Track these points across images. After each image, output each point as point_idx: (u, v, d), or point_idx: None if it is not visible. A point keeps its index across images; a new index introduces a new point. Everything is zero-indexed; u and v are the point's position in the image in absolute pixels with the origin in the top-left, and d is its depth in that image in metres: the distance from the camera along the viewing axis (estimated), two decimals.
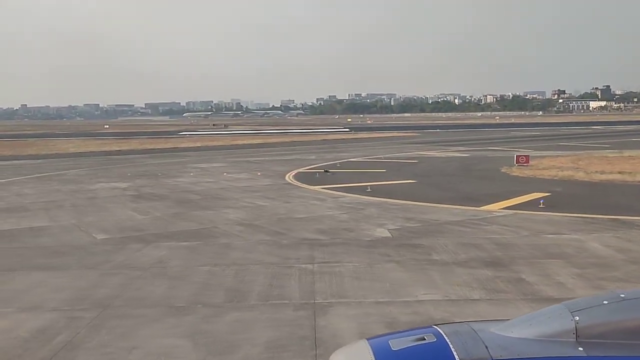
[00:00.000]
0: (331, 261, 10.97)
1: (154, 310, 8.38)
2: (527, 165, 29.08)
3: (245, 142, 64.91)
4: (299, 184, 24.36)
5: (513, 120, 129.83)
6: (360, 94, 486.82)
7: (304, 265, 10.71)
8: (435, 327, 3.00)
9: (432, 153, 41.68)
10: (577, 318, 2.71)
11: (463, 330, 2.85)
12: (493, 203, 17.58)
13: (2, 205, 19.71)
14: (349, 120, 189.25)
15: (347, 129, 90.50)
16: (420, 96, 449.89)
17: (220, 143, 63.31)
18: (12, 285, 9.98)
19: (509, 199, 18.36)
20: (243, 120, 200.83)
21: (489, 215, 15.61)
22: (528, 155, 30.73)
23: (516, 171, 27.11)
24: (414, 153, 41.89)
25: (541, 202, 16.92)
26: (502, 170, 27.80)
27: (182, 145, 59.84)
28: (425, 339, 2.78)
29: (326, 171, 28.48)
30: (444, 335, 2.77)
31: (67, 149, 57.79)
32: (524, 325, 2.85)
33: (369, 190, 21.13)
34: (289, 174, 29.06)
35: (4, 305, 8.82)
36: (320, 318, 7.87)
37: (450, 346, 2.64)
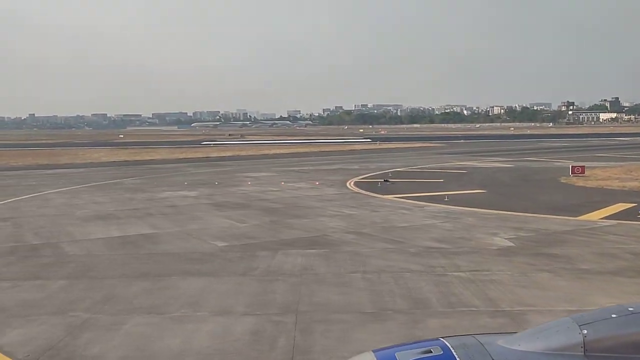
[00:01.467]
0: (479, 269, 11.04)
1: (350, 316, 8.43)
2: (583, 176, 29.18)
3: (273, 151, 65.11)
4: (368, 192, 24.46)
5: (529, 132, 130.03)
6: (367, 105, 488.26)
7: (456, 273, 10.76)
8: (442, 339, 2.96)
9: (473, 163, 41.75)
10: (585, 331, 2.66)
11: (470, 343, 2.82)
12: (586, 213, 17.62)
13: (89, 212, 19.86)
14: (361, 130, 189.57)
15: (369, 139, 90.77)
16: (426, 107, 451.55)
17: (249, 153, 63.58)
18: (181, 290, 10.02)
19: (598, 209, 18.38)
20: (254, 130, 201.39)
21: (596, 225, 15.64)
22: (584, 166, 30.76)
23: (578, 181, 27.14)
24: (455, 163, 41.97)
25: (639, 212, 17.04)
26: (563, 181, 27.86)
27: (213, 155, 60.06)
28: (431, 352, 2.77)
29: (386, 180, 28.58)
30: (451, 348, 2.75)
31: (99, 158, 58.13)
32: (532, 339, 2.81)
33: (447, 199, 21.25)
34: (347, 183, 29.21)
35: (195, 309, 8.90)
36: (527, 325, 7.94)
37: (457, 359, 2.63)
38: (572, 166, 30.75)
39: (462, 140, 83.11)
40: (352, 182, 29.21)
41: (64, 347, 7.52)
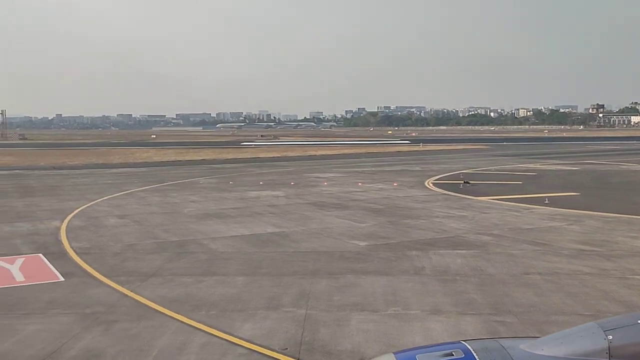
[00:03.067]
0: None
1: (573, 317, 8.38)
2: None
3: (320, 153, 65.33)
4: (455, 194, 24.39)
5: (564, 135, 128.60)
6: (390, 107, 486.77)
7: (637, 277, 10.74)
8: (463, 342, 2.91)
9: (535, 166, 41.38)
10: (611, 337, 2.61)
11: (492, 347, 2.77)
12: None
13: (196, 211, 20.07)
14: (389, 132, 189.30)
15: (408, 141, 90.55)
16: (450, 109, 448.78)
17: (296, 154, 63.80)
18: (368, 288, 10.04)
19: None
20: (282, 132, 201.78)
21: None
22: None
23: None
24: (517, 166, 41.68)
25: None
26: None
27: (262, 156, 60.39)
28: (453, 355, 2.71)
29: (466, 182, 28.52)
30: (473, 352, 2.70)
31: (150, 158, 58.81)
32: (555, 344, 2.76)
33: (547, 202, 21.16)
34: (424, 184, 29.22)
35: (404, 307, 8.96)
36: None
37: None
38: None
39: (504, 143, 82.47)
40: (430, 184, 29.25)
41: (311, 341, 7.64)
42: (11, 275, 11.48)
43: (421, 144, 79.08)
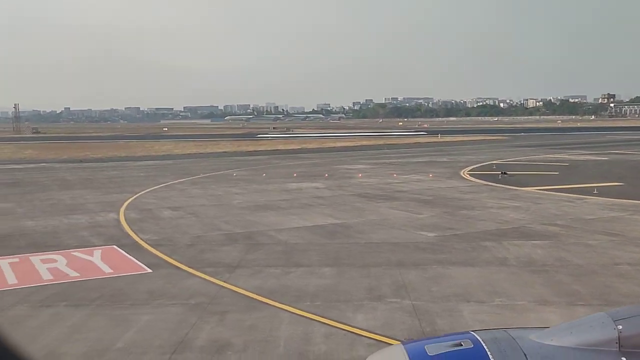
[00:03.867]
0: None
1: None
2: None
3: (339, 144, 65.27)
4: (500, 185, 24.25)
5: (579, 125, 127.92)
6: (397, 98, 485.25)
7: None
8: (472, 332, 2.90)
9: (564, 156, 41.20)
10: (621, 327, 2.59)
11: (501, 337, 2.76)
12: None
13: (245, 203, 20.03)
14: (400, 124, 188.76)
15: (424, 132, 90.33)
16: (458, 100, 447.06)
17: (314, 146, 63.73)
18: (461, 280, 10.02)
19: None
20: (292, 124, 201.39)
21: None
22: None
23: None
24: (545, 156, 41.49)
25: None
26: None
27: (281, 148, 60.36)
28: (462, 345, 2.71)
29: (504, 173, 28.42)
30: (482, 342, 2.69)
31: (172, 150, 58.91)
32: (565, 334, 2.75)
33: (596, 192, 21.05)
34: (461, 174, 29.14)
35: (509, 299, 8.91)
36: None
37: (488, 353, 2.56)
38: None
39: (522, 134, 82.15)
40: (466, 174, 29.17)
41: (433, 332, 7.60)
42: (96, 266, 11.54)
43: (439, 135, 78.87)
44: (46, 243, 13.93)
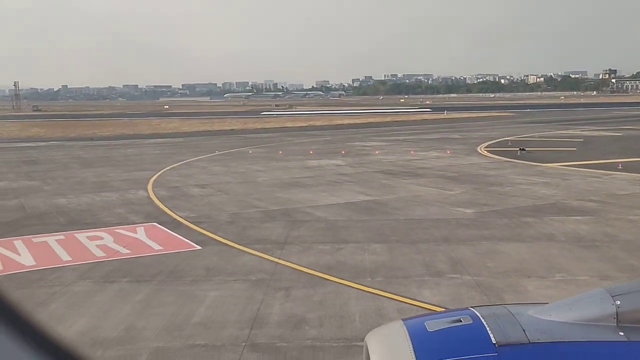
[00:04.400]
0: None
1: None
2: None
3: (346, 122, 65.10)
4: (522, 161, 24.23)
5: (582, 101, 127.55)
6: (397, 75, 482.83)
7: None
8: (471, 309, 2.94)
9: (575, 132, 41.17)
10: (619, 302, 2.64)
11: (500, 313, 2.81)
12: None
13: (270, 180, 20.05)
14: (402, 100, 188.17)
15: (429, 109, 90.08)
16: (458, 76, 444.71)
17: (321, 123, 63.54)
18: (514, 256, 10.04)
19: None
20: (293, 101, 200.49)
21: None
22: None
23: None
24: (557, 132, 41.44)
25: None
26: None
27: (289, 125, 60.18)
28: (461, 321, 2.75)
29: (522, 149, 28.43)
30: (481, 318, 2.73)
31: (179, 128, 58.78)
32: (563, 309, 2.80)
33: (621, 167, 21.08)
34: (479, 151, 29.11)
35: (569, 274, 8.97)
36: None
37: (487, 328, 2.60)
38: None
39: (528, 110, 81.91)
40: (483, 151, 29.15)
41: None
42: (144, 243, 11.56)
43: (445, 111, 78.65)
44: (85, 220, 13.94)
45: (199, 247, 11.13)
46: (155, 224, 13.36)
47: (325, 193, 17.23)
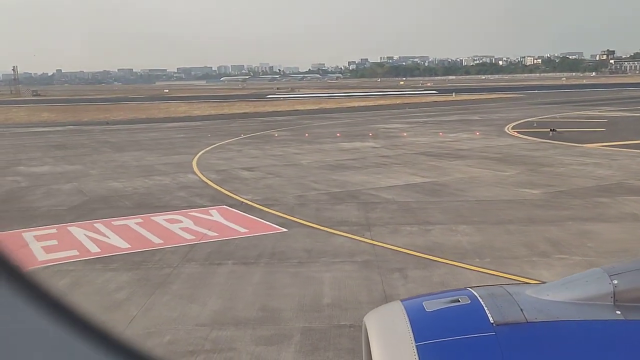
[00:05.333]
0: None
1: None
2: None
3: (357, 104, 64.84)
4: (560, 142, 24.21)
5: (585, 82, 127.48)
6: (393, 57, 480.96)
7: None
8: (469, 289, 2.94)
9: (594, 113, 41.20)
10: (616, 282, 2.64)
11: (498, 293, 2.82)
12: None
13: (316, 163, 19.96)
14: (401, 82, 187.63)
15: (435, 91, 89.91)
16: (454, 58, 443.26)
17: (332, 106, 63.26)
18: (605, 236, 10.10)
19: None
20: (293, 84, 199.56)
21: None
22: None
23: None
24: (577, 113, 41.42)
25: None
26: None
27: (300, 108, 59.87)
28: (459, 301, 2.77)
29: (553, 130, 28.43)
30: (478, 298, 2.75)
31: (190, 112, 58.41)
32: (560, 289, 2.80)
33: None
34: (509, 132, 29.07)
35: None
36: None
37: (485, 308, 2.63)
38: None
39: (536, 91, 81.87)
40: (514, 132, 29.12)
41: None
42: (226, 226, 11.49)
43: (454, 93, 78.47)
44: (152, 204, 13.87)
45: (285, 229, 11.10)
46: (225, 206, 13.33)
47: (379, 175, 17.17)
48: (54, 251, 9.94)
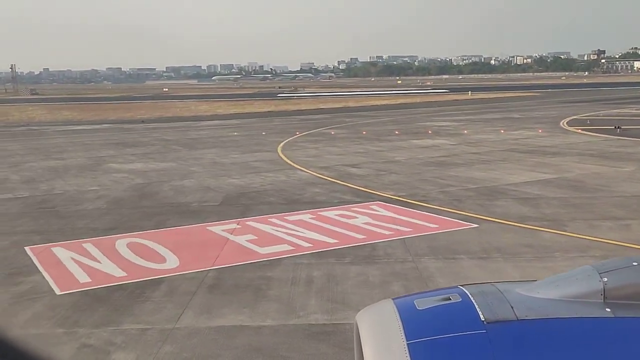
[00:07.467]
0: None
1: None
2: None
3: (378, 103, 64.85)
4: (630, 138, 24.35)
5: (585, 81, 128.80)
6: (382, 56, 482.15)
7: None
8: (460, 287, 2.96)
9: (630, 111, 41.47)
10: (606, 279, 2.64)
11: (488, 291, 2.84)
12: None
13: (410, 160, 19.92)
14: (399, 82, 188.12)
15: (445, 90, 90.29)
16: (442, 57, 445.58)
17: (354, 104, 63.24)
18: None
19: None
20: (284, 83, 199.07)
21: None
22: None
23: None
24: (612, 111, 41.79)
25: None
26: None
27: (322, 107, 59.72)
28: (450, 299, 2.80)
29: (618, 127, 28.60)
30: (469, 296, 2.77)
31: (214, 111, 58.11)
32: (551, 287, 2.80)
33: None
34: (573, 130, 29.13)
35: None
36: None
37: (476, 306, 2.65)
38: None
39: (549, 90, 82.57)
40: (579, 130, 29.10)
41: None
42: (413, 222, 11.25)
43: (470, 92, 78.82)
44: (299, 199, 13.68)
45: (476, 225, 10.96)
46: (379, 202, 13.17)
47: (497, 171, 17.06)
48: (264, 245, 9.82)
